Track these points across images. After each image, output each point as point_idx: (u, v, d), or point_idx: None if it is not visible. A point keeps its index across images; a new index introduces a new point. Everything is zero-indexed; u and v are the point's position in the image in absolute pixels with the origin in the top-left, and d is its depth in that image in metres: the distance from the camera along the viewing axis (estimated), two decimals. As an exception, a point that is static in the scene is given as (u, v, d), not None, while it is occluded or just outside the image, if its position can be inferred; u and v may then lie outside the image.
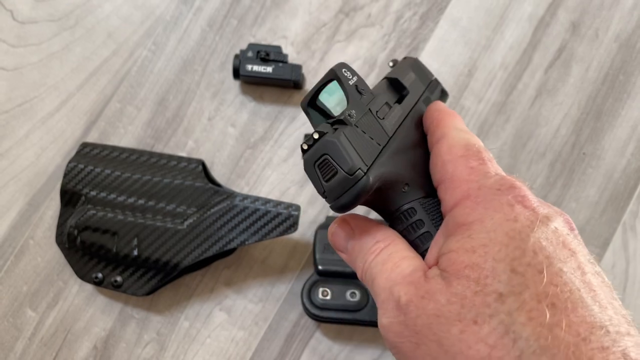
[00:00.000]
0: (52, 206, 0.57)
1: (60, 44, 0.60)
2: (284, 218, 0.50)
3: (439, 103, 0.35)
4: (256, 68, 0.56)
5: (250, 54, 0.56)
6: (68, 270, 0.56)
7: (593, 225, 0.57)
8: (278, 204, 0.51)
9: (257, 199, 0.51)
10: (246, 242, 0.50)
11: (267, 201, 0.51)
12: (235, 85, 0.60)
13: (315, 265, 0.52)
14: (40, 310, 0.56)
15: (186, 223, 0.51)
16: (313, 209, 0.57)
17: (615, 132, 0.59)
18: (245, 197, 0.52)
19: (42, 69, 0.60)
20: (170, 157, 0.55)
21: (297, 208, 0.51)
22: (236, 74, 0.57)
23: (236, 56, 0.56)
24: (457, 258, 0.26)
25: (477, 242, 0.26)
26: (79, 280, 0.56)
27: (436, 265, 0.27)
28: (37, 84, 0.60)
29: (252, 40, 0.60)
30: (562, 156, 0.59)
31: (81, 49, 0.60)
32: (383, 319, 0.28)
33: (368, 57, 0.60)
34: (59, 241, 0.53)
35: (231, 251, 0.54)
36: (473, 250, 0.25)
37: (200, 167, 0.54)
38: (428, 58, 0.60)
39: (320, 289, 0.51)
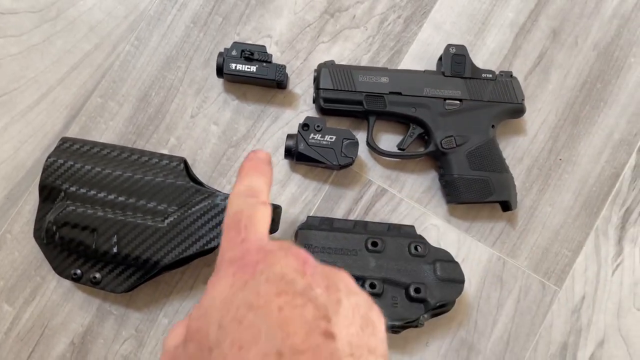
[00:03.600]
0: (31, 200, 0.57)
1: (40, 36, 0.60)
2: None
3: (258, 152, 0.42)
4: (240, 67, 0.56)
5: (234, 52, 0.56)
6: (46, 266, 0.56)
7: (567, 230, 0.59)
8: None
9: None
10: None
11: None
12: (218, 83, 0.59)
13: (295, 265, 0.52)
14: (17, 305, 0.55)
15: (167, 221, 0.51)
16: (294, 209, 0.58)
17: (591, 139, 0.60)
18: (227, 196, 0.52)
19: (21, 61, 0.59)
20: (152, 155, 0.55)
21: (278, 208, 0.51)
22: (220, 72, 0.56)
23: (220, 54, 0.56)
24: (191, 325, 0.32)
25: (202, 309, 0.32)
26: (57, 276, 0.55)
27: None
28: (17, 76, 0.59)
29: (237, 39, 0.60)
30: (539, 161, 0.60)
31: (62, 42, 0.60)
32: None
33: (352, 58, 0.61)
34: (37, 236, 0.53)
35: (211, 250, 0.54)
36: (199, 316, 0.32)
37: (182, 165, 0.54)
38: (411, 61, 0.61)
39: (299, 289, 0.52)
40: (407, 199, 0.59)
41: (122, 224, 0.51)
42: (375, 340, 0.31)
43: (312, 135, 0.54)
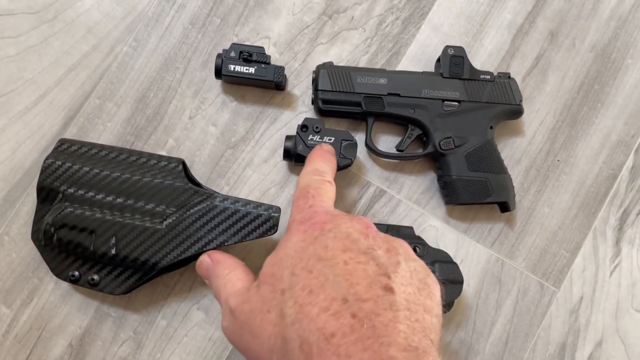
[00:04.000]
0: (28, 202, 0.57)
1: (38, 37, 0.59)
2: (265, 220, 0.51)
3: (324, 146, 0.51)
4: (238, 68, 0.56)
5: (232, 53, 0.56)
6: (43, 267, 0.55)
7: (565, 231, 0.59)
8: (258, 205, 0.51)
9: (237, 200, 0.52)
10: (226, 243, 0.50)
11: (247, 202, 0.51)
12: (217, 84, 0.59)
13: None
14: (15, 307, 0.55)
15: (165, 223, 0.51)
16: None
17: (589, 140, 0.60)
18: (226, 197, 0.52)
19: (19, 62, 0.59)
20: (150, 156, 0.55)
21: (278, 210, 0.51)
22: (218, 73, 0.56)
23: (219, 56, 0.56)
24: (265, 270, 0.37)
25: (277, 257, 0.36)
26: (54, 278, 0.55)
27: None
28: (14, 77, 0.59)
29: (235, 40, 0.60)
30: (536, 163, 0.60)
31: (60, 43, 0.59)
32: (223, 322, 0.39)
33: (350, 60, 0.61)
34: (35, 238, 0.53)
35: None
36: (273, 263, 0.36)
37: (181, 167, 0.54)
38: (409, 63, 0.61)
39: (298, 290, 0.52)
40: (406, 200, 0.59)
41: (120, 226, 0.51)
42: (431, 302, 0.34)
43: (310, 136, 0.54)
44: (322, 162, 0.48)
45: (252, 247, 0.57)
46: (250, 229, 0.51)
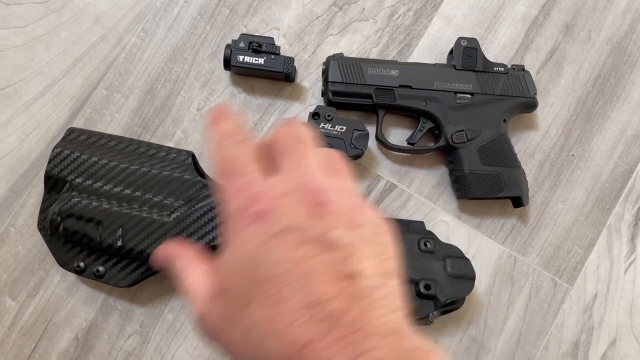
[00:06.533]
0: (35, 193, 0.56)
1: (46, 27, 0.59)
2: None
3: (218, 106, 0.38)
4: (248, 59, 0.55)
5: (242, 44, 0.55)
6: (50, 260, 0.55)
7: (579, 227, 0.58)
8: None
9: None
10: None
11: None
12: (225, 75, 0.59)
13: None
14: (20, 300, 0.55)
15: (173, 216, 0.50)
16: (301, 203, 0.57)
17: (604, 135, 0.59)
18: None
19: (26, 52, 0.58)
20: (160, 147, 0.54)
21: None
22: (227, 64, 0.56)
23: (227, 46, 0.55)
24: (224, 279, 0.33)
25: (231, 265, 0.33)
26: (60, 270, 0.54)
27: None
28: (21, 67, 0.58)
29: (244, 31, 0.59)
30: (550, 157, 0.59)
31: (68, 33, 0.59)
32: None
33: (361, 52, 0.60)
34: (41, 227, 0.52)
35: (217, 246, 0.53)
36: (229, 272, 0.33)
37: (190, 159, 0.53)
38: (421, 55, 0.60)
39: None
40: (417, 195, 0.58)
41: (127, 217, 0.50)
42: (391, 263, 0.31)
43: (322, 124, 0.54)
44: (225, 122, 0.37)
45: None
46: None
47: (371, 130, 0.58)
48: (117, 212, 0.50)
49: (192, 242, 0.50)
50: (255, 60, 0.55)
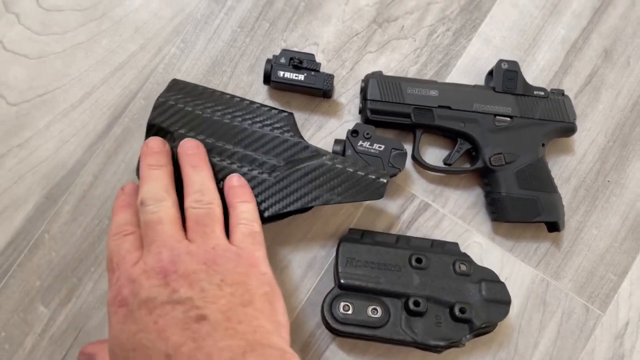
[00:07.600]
0: (70, 201, 0.56)
1: (85, 35, 0.59)
2: (371, 182, 0.50)
3: (125, 188, 0.49)
4: (288, 75, 0.55)
5: (283, 60, 0.55)
6: (83, 267, 0.55)
7: (612, 254, 0.57)
8: (367, 168, 0.50)
9: (345, 160, 0.51)
10: (330, 202, 0.49)
11: (355, 163, 0.51)
12: (263, 89, 0.59)
13: (338, 278, 0.52)
14: (52, 307, 0.55)
15: (273, 174, 0.50)
16: (335, 219, 0.57)
17: (640, 162, 0.59)
18: (335, 157, 0.51)
19: (66, 59, 0.58)
20: (262, 105, 0.53)
21: (386, 175, 0.50)
22: (267, 79, 0.56)
23: (268, 61, 0.55)
24: None
25: (109, 348, 0.39)
26: (93, 278, 0.54)
27: None
28: (60, 74, 0.58)
29: (283, 45, 0.59)
30: (586, 182, 0.59)
31: (107, 42, 0.59)
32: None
33: (399, 70, 0.60)
34: (138, 174, 0.52)
35: (310, 208, 0.52)
36: (110, 355, 0.39)
37: (293, 119, 0.53)
38: (459, 75, 0.60)
39: (342, 303, 0.51)
40: (451, 215, 0.58)
41: (228, 171, 0.50)
42: (249, 295, 0.38)
43: (360, 142, 0.53)
44: (120, 213, 0.46)
45: (292, 257, 0.56)
46: (356, 191, 0.50)
47: (407, 148, 0.58)
48: (218, 166, 0.50)
49: (288, 203, 0.51)
50: (296, 76, 0.55)
